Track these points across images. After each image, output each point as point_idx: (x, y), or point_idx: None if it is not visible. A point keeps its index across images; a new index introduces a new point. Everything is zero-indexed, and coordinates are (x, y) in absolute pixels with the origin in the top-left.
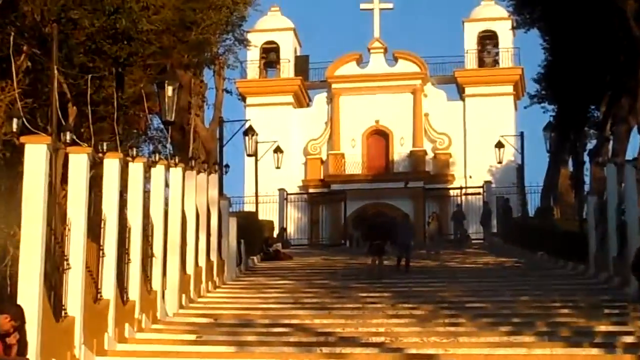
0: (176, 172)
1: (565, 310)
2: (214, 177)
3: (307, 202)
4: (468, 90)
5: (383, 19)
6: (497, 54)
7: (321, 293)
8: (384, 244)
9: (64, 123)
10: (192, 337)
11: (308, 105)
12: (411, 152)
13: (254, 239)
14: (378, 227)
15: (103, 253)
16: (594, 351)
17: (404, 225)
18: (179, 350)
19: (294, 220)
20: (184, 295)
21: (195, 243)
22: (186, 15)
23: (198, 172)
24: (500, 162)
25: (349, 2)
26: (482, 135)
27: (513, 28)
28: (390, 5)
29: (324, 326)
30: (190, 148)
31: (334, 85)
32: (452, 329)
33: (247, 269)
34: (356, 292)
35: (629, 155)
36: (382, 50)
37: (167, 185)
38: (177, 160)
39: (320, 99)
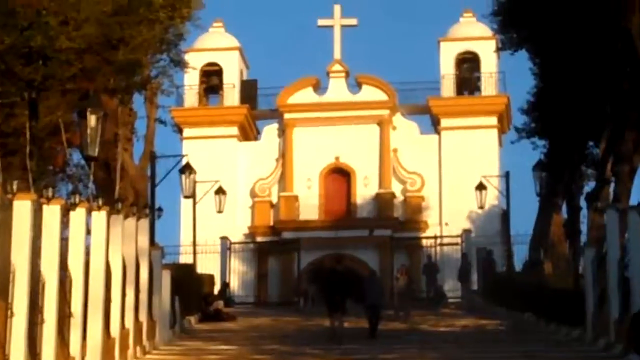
0: (99, 217)
1: None
2: (145, 223)
3: (254, 252)
4: (444, 122)
5: (345, 37)
6: (478, 79)
7: None
8: (345, 299)
9: None
10: None
11: (256, 139)
12: (377, 194)
13: (192, 296)
14: (338, 277)
15: (12, 312)
16: None
17: (372, 282)
18: None
19: (238, 274)
20: None
21: (121, 301)
22: (113, 32)
23: (125, 217)
24: (481, 207)
25: (305, 18)
26: (460, 175)
27: (497, 49)
28: (353, 22)
29: None
30: (117, 188)
31: (286, 115)
32: None
33: (182, 332)
34: None
35: (633, 200)
36: (343, 75)
37: (88, 232)
38: (100, 203)
39: (270, 131)
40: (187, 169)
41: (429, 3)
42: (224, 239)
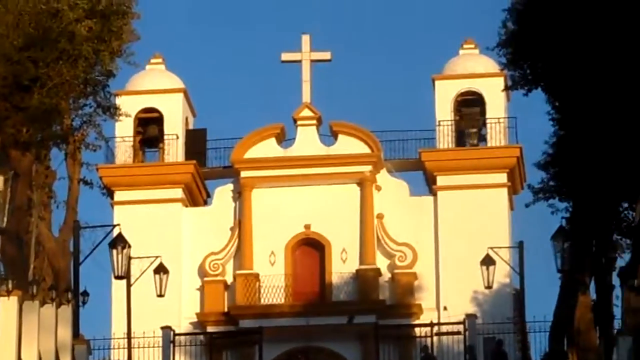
0: (9, 304)
1: None
2: (66, 311)
3: (205, 346)
4: (441, 180)
5: (316, 75)
6: (483, 126)
7: None
8: None
9: None
10: None
11: (205, 203)
12: (358, 271)
13: None
14: None
15: None
16: None
17: None
18: None
19: None
20: None
21: None
22: (24, 71)
23: (42, 303)
24: (489, 287)
25: (266, 51)
26: (462, 247)
27: (506, 88)
28: (326, 56)
29: None
30: (31, 267)
31: (243, 173)
32: None
33: None
34: None
35: None
36: (314, 122)
37: None
38: (10, 286)
39: (223, 193)
40: (120, 242)
41: (421, 32)
42: (166, 329)
